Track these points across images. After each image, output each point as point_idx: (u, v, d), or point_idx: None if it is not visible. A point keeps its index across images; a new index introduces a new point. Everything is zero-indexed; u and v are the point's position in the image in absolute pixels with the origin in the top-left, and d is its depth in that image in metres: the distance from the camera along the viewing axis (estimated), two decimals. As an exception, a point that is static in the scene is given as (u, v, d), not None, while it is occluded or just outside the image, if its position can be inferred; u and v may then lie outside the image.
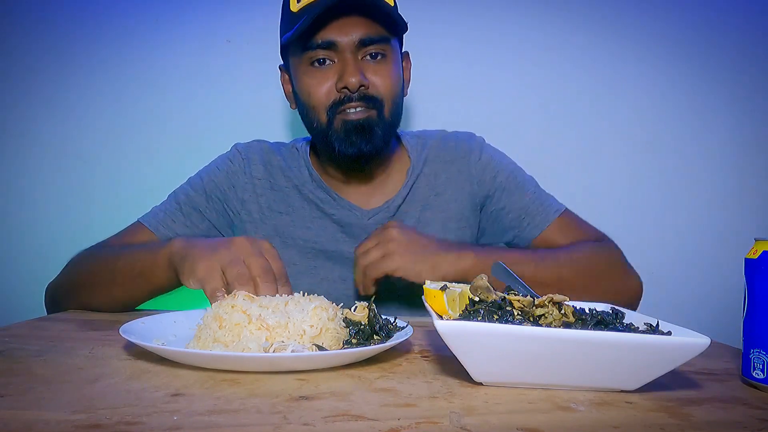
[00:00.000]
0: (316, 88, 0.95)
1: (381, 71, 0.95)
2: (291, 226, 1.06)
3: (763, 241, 0.57)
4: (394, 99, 0.98)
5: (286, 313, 0.62)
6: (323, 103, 0.95)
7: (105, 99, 1.51)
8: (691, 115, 1.49)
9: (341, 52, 0.93)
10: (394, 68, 0.98)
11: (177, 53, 1.50)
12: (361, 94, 0.93)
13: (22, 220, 1.52)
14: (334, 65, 0.94)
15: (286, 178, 1.07)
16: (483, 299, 0.58)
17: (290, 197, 1.06)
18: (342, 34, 0.92)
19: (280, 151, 1.10)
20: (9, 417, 0.42)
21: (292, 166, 1.08)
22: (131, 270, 0.84)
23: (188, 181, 1.07)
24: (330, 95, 0.94)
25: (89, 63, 1.51)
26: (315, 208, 1.05)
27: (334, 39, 0.92)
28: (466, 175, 1.07)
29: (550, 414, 0.47)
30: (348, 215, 1.04)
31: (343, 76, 0.92)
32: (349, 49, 0.93)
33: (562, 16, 1.48)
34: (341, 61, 0.93)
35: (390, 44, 0.96)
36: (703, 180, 1.49)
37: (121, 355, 0.61)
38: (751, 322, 0.56)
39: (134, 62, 1.50)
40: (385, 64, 0.96)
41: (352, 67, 0.92)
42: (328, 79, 0.94)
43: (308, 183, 1.06)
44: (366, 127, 0.94)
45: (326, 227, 1.05)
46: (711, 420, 0.47)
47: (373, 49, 0.94)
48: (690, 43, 1.48)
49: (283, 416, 0.43)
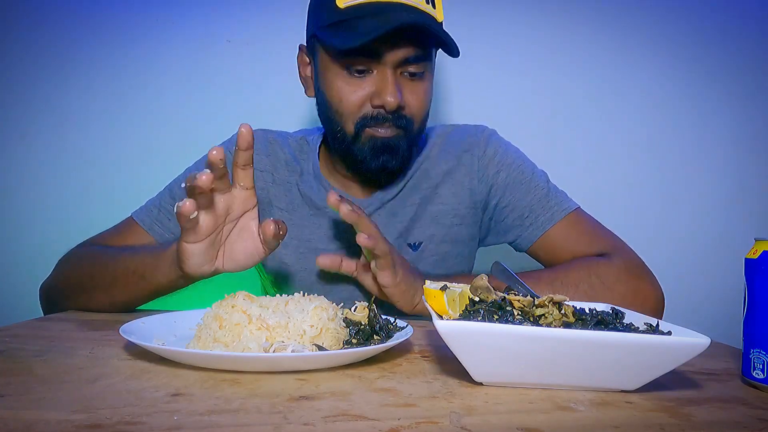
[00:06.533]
0: (349, 96, 0.90)
1: (417, 91, 0.92)
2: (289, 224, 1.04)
3: (763, 241, 0.57)
4: (423, 117, 0.96)
5: (286, 313, 0.62)
6: (354, 114, 0.91)
7: (104, 99, 1.51)
8: (691, 115, 1.49)
9: (382, 65, 0.89)
10: (430, 87, 0.95)
11: (177, 53, 1.50)
12: (395, 114, 0.90)
13: (22, 220, 1.52)
14: (372, 76, 0.90)
15: (290, 171, 1.05)
16: (483, 299, 0.58)
17: (291, 192, 1.04)
18: (389, 48, 0.87)
19: (285, 142, 1.07)
20: (9, 417, 0.42)
21: (299, 158, 1.06)
22: (133, 272, 0.83)
23: (185, 173, 1.04)
24: (363, 108, 0.91)
25: (88, 63, 1.51)
26: (312, 205, 1.03)
27: (380, 53, 0.87)
28: (468, 169, 1.04)
29: (550, 414, 0.47)
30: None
31: (381, 94, 0.88)
32: (392, 65, 0.88)
33: (563, 18, 1.48)
34: (381, 75, 0.89)
35: (430, 61, 0.93)
36: (703, 180, 1.49)
37: (121, 355, 0.61)
38: (751, 322, 0.56)
39: (134, 62, 1.50)
40: (423, 84, 0.93)
41: (392, 86, 0.88)
42: (363, 90, 0.90)
43: (309, 177, 1.04)
44: (394, 146, 0.92)
45: (320, 225, 1.03)
46: (711, 420, 0.47)
47: (413, 68, 0.90)
48: (690, 44, 1.48)
49: (283, 416, 0.43)
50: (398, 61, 0.89)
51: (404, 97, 0.90)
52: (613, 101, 1.49)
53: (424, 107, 0.95)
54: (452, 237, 1.05)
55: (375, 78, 0.90)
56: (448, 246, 1.05)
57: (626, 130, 1.49)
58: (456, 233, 1.05)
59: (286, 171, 1.05)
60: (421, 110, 0.94)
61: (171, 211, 1.00)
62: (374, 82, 0.90)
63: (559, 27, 1.48)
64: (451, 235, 1.05)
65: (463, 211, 1.05)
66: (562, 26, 1.48)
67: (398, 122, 0.91)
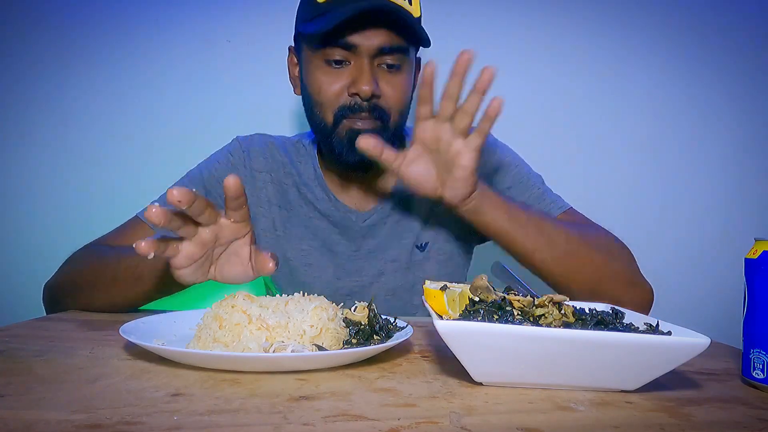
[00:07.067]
0: (327, 86, 0.93)
1: (394, 82, 0.94)
2: (288, 221, 1.05)
3: (763, 241, 0.57)
4: (402, 111, 0.96)
5: (286, 313, 0.62)
6: (332, 104, 0.93)
7: (105, 99, 1.51)
8: (691, 115, 1.49)
9: (359, 56, 0.91)
10: (407, 80, 0.96)
11: (177, 53, 1.50)
12: (371, 104, 0.92)
13: (22, 220, 1.52)
14: (349, 67, 0.92)
15: (287, 173, 1.06)
16: (483, 299, 0.58)
17: (289, 194, 1.06)
18: (363, 37, 0.90)
19: (284, 146, 1.09)
20: (9, 417, 0.42)
21: (296, 161, 1.07)
22: (133, 271, 0.84)
23: (188, 175, 1.05)
24: (340, 97, 0.93)
25: (89, 63, 1.51)
26: (312, 208, 1.05)
27: (354, 42, 0.90)
28: None
29: (550, 414, 0.47)
30: (344, 218, 1.03)
31: (356, 83, 0.90)
32: (368, 54, 0.91)
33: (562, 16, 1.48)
34: (357, 64, 0.92)
35: (407, 55, 0.95)
36: (703, 180, 1.49)
37: (121, 355, 0.61)
38: (751, 322, 0.56)
39: (134, 62, 1.50)
40: (400, 75, 0.94)
41: (368, 74, 0.90)
42: (340, 80, 0.92)
43: (310, 181, 1.05)
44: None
45: (323, 227, 1.05)
46: (711, 420, 0.47)
47: (390, 59, 0.92)
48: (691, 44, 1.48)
49: (283, 416, 0.43)
50: (373, 49, 0.90)
51: (380, 87, 0.92)
52: (613, 101, 1.49)
53: (401, 99, 0.95)
54: (455, 235, 1.06)
55: (351, 68, 0.92)
56: (453, 244, 1.06)
57: (626, 130, 1.49)
58: (458, 231, 1.06)
59: (283, 172, 1.06)
60: (398, 102, 0.95)
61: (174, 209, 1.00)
62: (350, 72, 0.92)
63: (558, 27, 1.48)
64: (454, 234, 1.06)
65: None
66: (562, 26, 1.48)
67: (374, 113, 0.92)
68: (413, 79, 0.99)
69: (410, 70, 0.97)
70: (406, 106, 0.98)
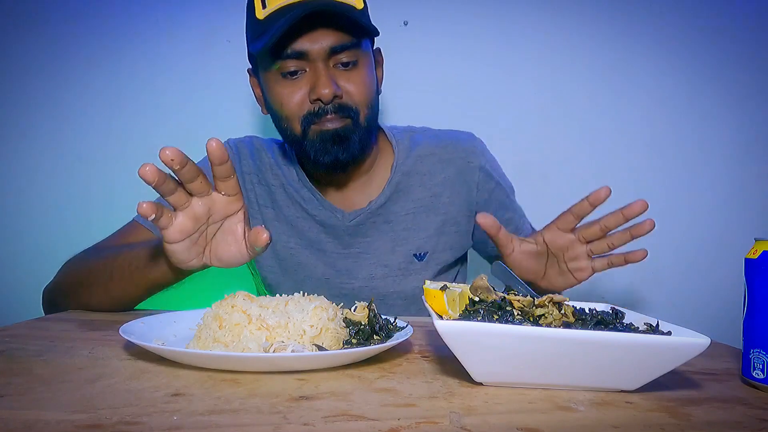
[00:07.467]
0: (288, 99, 0.92)
1: (354, 78, 0.93)
2: (276, 222, 1.06)
3: (763, 241, 0.57)
4: (369, 105, 0.96)
5: (286, 313, 0.62)
6: (296, 114, 0.93)
7: (104, 99, 1.51)
8: (691, 115, 1.49)
9: (312, 62, 0.90)
10: (367, 73, 0.95)
11: (177, 53, 1.50)
12: (336, 105, 0.91)
13: (21, 220, 1.52)
14: (306, 75, 0.92)
15: (274, 175, 1.07)
16: (483, 299, 0.58)
17: (276, 194, 1.06)
18: (312, 42, 0.89)
19: (271, 148, 1.09)
20: (9, 417, 0.42)
21: (281, 164, 1.07)
22: (129, 266, 0.83)
23: None
24: (303, 106, 0.92)
25: (88, 63, 1.51)
26: (299, 207, 1.05)
27: (304, 49, 0.89)
28: (466, 177, 1.06)
29: (550, 414, 0.47)
30: (330, 217, 1.03)
31: (315, 88, 0.90)
32: (320, 58, 0.90)
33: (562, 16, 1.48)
34: (313, 70, 0.91)
35: (361, 49, 0.93)
36: (703, 180, 1.49)
37: (121, 355, 0.61)
38: (751, 322, 0.56)
39: (134, 62, 1.50)
40: (358, 71, 0.93)
41: (325, 78, 0.89)
42: (300, 90, 0.92)
43: (294, 182, 1.05)
44: (342, 135, 0.92)
45: (310, 227, 1.05)
46: (711, 420, 0.47)
47: (344, 57, 0.91)
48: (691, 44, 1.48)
49: (283, 416, 0.43)
50: (324, 52, 0.90)
51: (341, 86, 0.91)
52: (614, 101, 1.49)
53: (366, 94, 0.94)
54: (452, 245, 1.07)
55: (309, 75, 0.92)
56: (450, 254, 1.07)
57: (626, 130, 1.49)
58: (455, 241, 1.07)
59: (270, 174, 1.07)
60: (363, 97, 0.94)
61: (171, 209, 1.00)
62: (309, 79, 0.92)
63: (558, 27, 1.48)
64: (451, 243, 1.07)
65: (460, 219, 1.07)
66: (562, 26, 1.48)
67: (342, 112, 0.92)
68: (374, 71, 0.98)
69: (368, 62, 0.96)
70: (373, 98, 0.97)
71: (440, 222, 1.05)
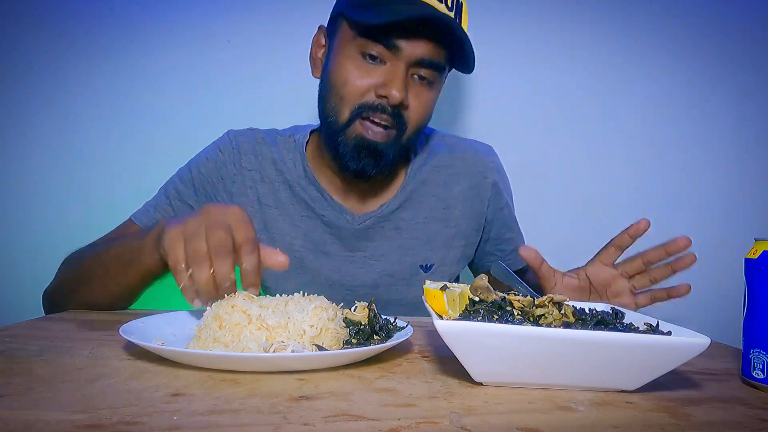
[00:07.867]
0: (355, 81, 0.89)
1: (422, 98, 0.91)
2: (280, 221, 1.02)
3: (763, 241, 0.57)
4: (420, 127, 0.94)
5: (286, 313, 0.62)
6: (354, 99, 0.89)
7: (104, 99, 1.51)
8: (691, 115, 1.49)
9: (397, 59, 0.88)
10: (433, 97, 0.94)
11: (177, 53, 1.50)
12: (394, 110, 0.89)
13: (21, 220, 1.52)
14: (383, 67, 0.89)
15: (278, 171, 1.03)
16: (483, 299, 0.58)
17: (279, 191, 1.02)
18: (410, 43, 0.86)
19: (274, 141, 1.05)
20: (9, 417, 0.42)
21: (286, 158, 1.03)
22: (122, 258, 0.81)
23: (178, 173, 1.04)
24: (365, 95, 0.89)
25: (88, 63, 1.51)
26: (305, 206, 1.02)
27: (400, 45, 0.86)
28: (479, 191, 1.05)
29: (550, 414, 0.47)
30: (338, 218, 1.01)
31: (388, 86, 0.87)
32: (407, 61, 0.88)
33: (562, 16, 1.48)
34: (393, 67, 0.88)
35: (441, 74, 0.92)
36: (703, 180, 1.49)
37: (121, 355, 0.61)
38: (751, 322, 0.56)
39: (134, 62, 1.50)
40: (428, 92, 0.92)
41: (402, 81, 0.87)
42: (371, 78, 0.89)
43: (301, 179, 1.02)
44: (379, 150, 0.91)
45: (315, 227, 1.02)
46: (711, 420, 0.47)
47: (425, 72, 0.89)
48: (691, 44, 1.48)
49: (283, 416, 0.43)
50: (414, 58, 0.88)
51: (408, 98, 0.89)
52: (613, 101, 1.49)
53: (422, 115, 0.93)
54: (459, 259, 1.06)
55: (386, 69, 0.89)
56: (456, 268, 1.07)
57: (626, 131, 1.49)
58: (462, 254, 1.06)
59: (273, 170, 1.03)
60: (419, 118, 0.92)
61: (167, 210, 1.00)
62: (384, 73, 0.89)
63: (559, 27, 1.48)
64: (458, 258, 1.06)
65: (470, 233, 1.06)
66: (562, 26, 1.48)
67: (395, 119, 0.90)
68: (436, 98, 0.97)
69: (439, 88, 0.95)
70: (425, 123, 0.95)
71: (450, 235, 1.04)
